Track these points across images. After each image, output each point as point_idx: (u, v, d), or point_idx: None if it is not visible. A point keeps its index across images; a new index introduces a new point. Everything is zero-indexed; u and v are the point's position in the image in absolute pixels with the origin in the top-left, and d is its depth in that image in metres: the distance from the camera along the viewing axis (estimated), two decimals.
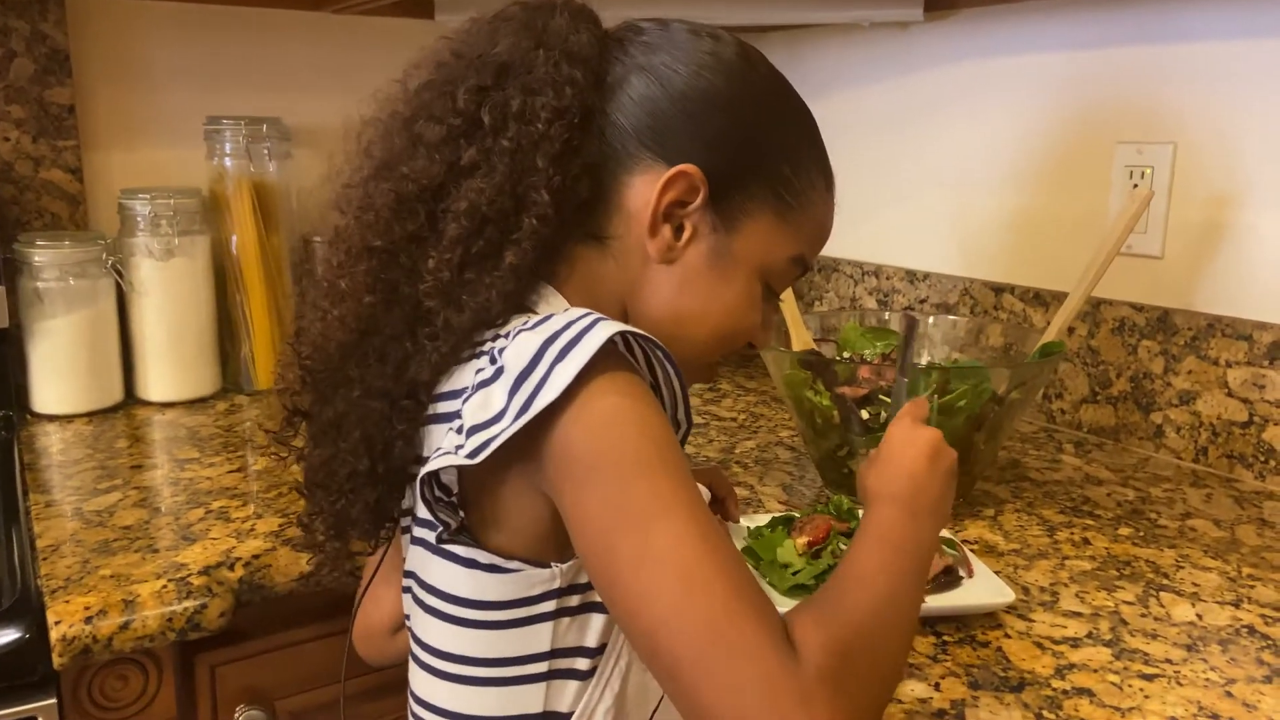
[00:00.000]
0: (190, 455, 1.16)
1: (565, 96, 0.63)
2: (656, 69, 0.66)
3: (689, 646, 0.50)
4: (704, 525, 0.53)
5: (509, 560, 0.61)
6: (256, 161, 1.41)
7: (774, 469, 1.16)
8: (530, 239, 0.62)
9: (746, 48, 0.70)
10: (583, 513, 0.55)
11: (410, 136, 0.64)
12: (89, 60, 1.41)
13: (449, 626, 0.64)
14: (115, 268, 1.34)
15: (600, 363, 0.55)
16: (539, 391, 0.55)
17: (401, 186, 0.63)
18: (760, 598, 0.52)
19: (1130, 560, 0.92)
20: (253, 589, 0.88)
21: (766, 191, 0.68)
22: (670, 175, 0.65)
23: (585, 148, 0.65)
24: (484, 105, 0.63)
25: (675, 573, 0.51)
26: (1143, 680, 0.72)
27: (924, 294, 1.53)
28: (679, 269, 0.67)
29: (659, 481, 0.54)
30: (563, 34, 0.65)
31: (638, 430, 0.55)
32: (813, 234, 0.72)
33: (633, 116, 0.66)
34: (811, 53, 1.71)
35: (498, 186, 0.62)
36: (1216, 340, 1.17)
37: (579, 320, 0.57)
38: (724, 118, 0.66)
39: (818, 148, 0.72)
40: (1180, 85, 1.19)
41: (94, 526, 0.96)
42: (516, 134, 0.63)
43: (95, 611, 0.80)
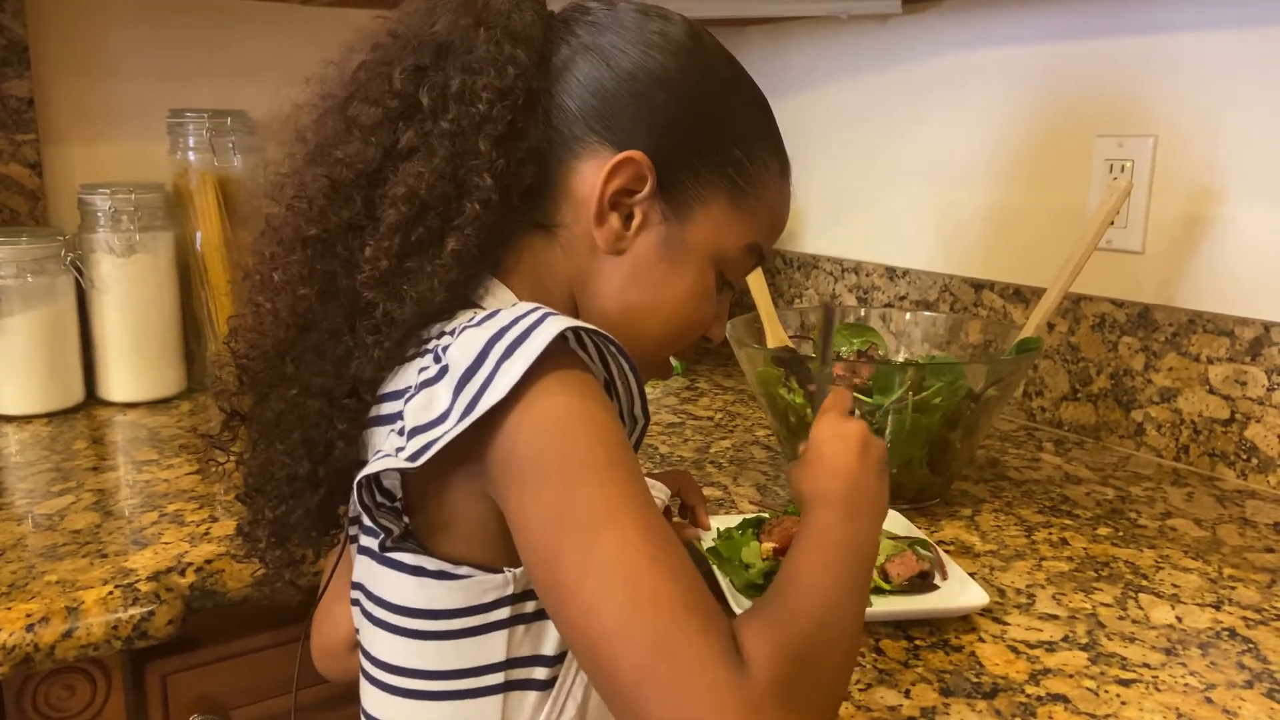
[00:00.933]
0: (149, 457, 1.13)
1: (507, 76, 0.60)
2: (603, 49, 0.64)
3: (633, 657, 0.47)
4: (653, 531, 0.51)
5: (458, 566, 0.58)
6: (221, 156, 1.38)
7: (749, 469, 1.14)
8: (473, 225, 0.59)
9: (697, 28, 0.68)
10: (527, 516, 0.52)
11: (345, 120, 0.61)
12: (48, 51, 1.38)
13: (398, 639, 0.61)
14: (75, 265, 1.30)
15: (549, 360, 0.53)
16: (484, 391, 0.52)
17: (336, 172, 0.60)
18: (709, 607, 0.50)
19: (1109, 561, 0.90)
20: (204, 595, 0.85)
21: (719, 176, 0.65)
22: (616, 162, 0.62)
23: (530, 131, 0.62)
24: (422, 86, 0.60)
25: (621, 580, 0.49)
26: (1120, 686, 0.70)
27: (904, 290, 1.51)
28: (629, 260, 0.64)
29: (608, 485, 0.51)
30: (504, 12, 0.63)
31: (587, 431, 0.53)
32: (768, 221, 0.69)
33: (579, 98, 0.63)
34: (790, 46, 1.69)
35: (437, 170, 0.59)
36: (1198, 336, 1.15)
37: (527, 315, 0.54)
38: (673, 99, 0.64)
39: (771, 131, 0.69)
40: (1161, 77, 1.18)
41: (43, 530, 0.92)
42: (456, 116, 0.60)
43: (37, 619, 0.77)
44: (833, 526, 0.59)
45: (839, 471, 0.62)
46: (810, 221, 1.68)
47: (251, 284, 0.63)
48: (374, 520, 0.58)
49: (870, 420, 0.97)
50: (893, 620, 0.77)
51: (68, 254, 1.30)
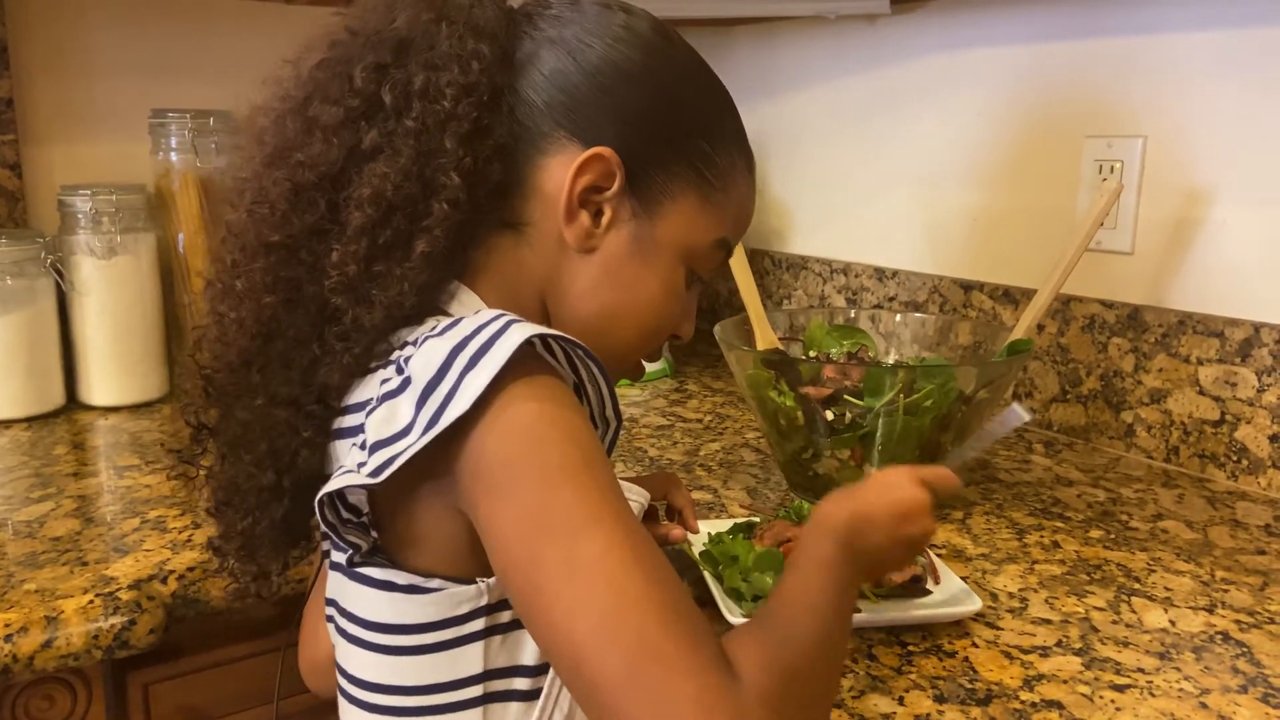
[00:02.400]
0: (131, 462, 1.12)
1: (471, 72, 0.59)
2: (568, 42, 0.63)
3: (618, 662, 0.46)
4: (634, 535, 0.50)
5: (429, 580, 0.57)
6: (204, 156, 1.36)
7: (739, 472, 1.13)
8: (442, 225, 0.58)
9: (661, 23, 0.67)
10: (501, 523, 0.51)
11: (305, 121, 0.59)
12: (28, 50, 1.36)
13: (372, 655, 0.59)
14: (55, 267, 1.29)
15: (515, 368, 0.51)
16: (448, 403, 0.51)
17: (297, 175, 0.58)
18: (694, 613, 0.49)
19: (1101, 564, 0.90)
20: (186, 603, 0.84)
21: (688, 171, 0.64)
22: (584, 159, 0.61)
23: (495, 128, 0.61)
24: (384, 84, 0.59)
25: (606, 584, 0.47)
26: (1114, 691, 0.69)
27: (893, 292, 1.50)
28: (599, 258, 0.63)
29: (586, 488, 0.50)
30: (465, 7, 0.62)
31: (561, 435, 0.51)
32: (736, 216, 0.68)
33: (545, 93, 0.62)
34: (778, 47, 1.68)
35: (403, 170, 0.57)
36: (1188, 337, 1.15)
37: (490, 324, 0.53)
38: (641, 92, 0.63)
39: (738, 127, 0.68)
40: (1150, 78, 1.17)
41: (22, 538, 0.91)
42: (421, 113, 0.58)
43: (16, 629, 0.76)
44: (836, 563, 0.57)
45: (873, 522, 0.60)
46: (799, 222, 1.67)
47: (214, 293, 0.62)
48: (339, 537, 0.57)
49: (860, 423, 0.96)
50: (885, 626, 0.77)
51: (48, 256, 1.28)
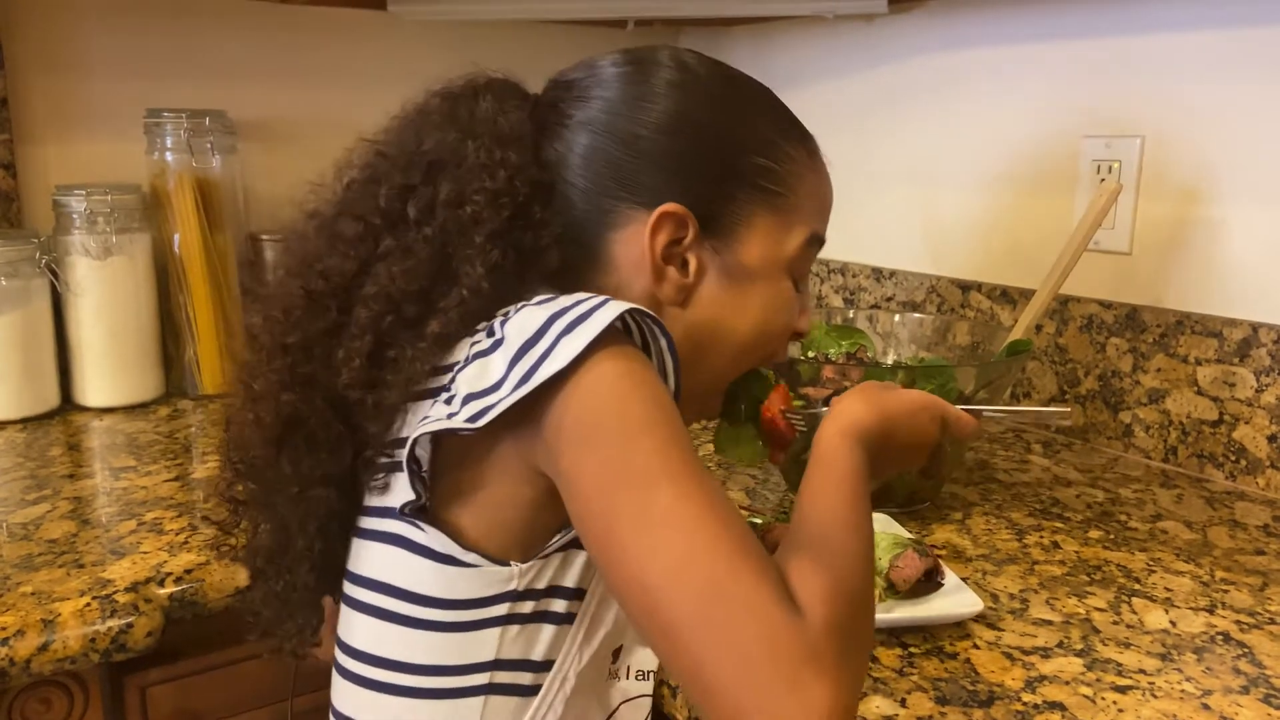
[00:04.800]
0: (127, 464, 1.11)
1: (499, 179, 0.62)
2: (595, 120, 0.65)
3: (691, 603, 0.47)
4: (705, 486, 0.51)
5: (467, 551, 0.58)
6: (199, 156, 1.36)
7: (738, 472, 1.13)
8: (458, 309, 0.60)
9: (679, 55, 0.68)
10: (581, 473, 0.53)
11: (330, 236, 0.63)
12: (22, 50, 1.35)
13: (384, 624, 0.60)
14: (50, 267, 1.28)
15: (607, 339, 0.54)
16: (542, 362, 0.53)
17: (312, 283, 0.62)
18: (763, 556, 0.50)
19: (1101, 564, 0.90)
20: (184, 606, 0.83)
21: (752, 191, 0.66)
22: (654, 220, 0.63)
23: (553, 219, 0.63)
24: (409, 201, 0.62)
25: (679, 530, 0.49)
26: (1116, 692, 0.69)
27: (890, 291, 1.50)
28: (697, 304, 0.66)
29: (663, 441, 0.52)
30: (490, 119, 0.64)
31: (644, 394, 0.53)
32: (815, 207, 0.70)
33: (589, 175, 0.64)
34: (775, 46, 1.68)
35: (411, 270, 0.60)
36: (1186, 337, 1.15)
37: (589, 298, 0.56)
38: (681, 141, 0.65)
39: (785, 121, 0.69)
40: (1148, 78, 1.17)
41: (18, 540, 0.90)
42: (444, 221, 0.61)
43: (13, 632, 0.75)
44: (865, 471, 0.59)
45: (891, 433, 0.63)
46: None
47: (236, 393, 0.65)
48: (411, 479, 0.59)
49: None
50: (886, 628, 0.76)
51: (42, 256, 1.28)
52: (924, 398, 0.69)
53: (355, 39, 1.56)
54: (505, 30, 1.67)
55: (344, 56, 1.55)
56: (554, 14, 1.53)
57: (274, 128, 1.51)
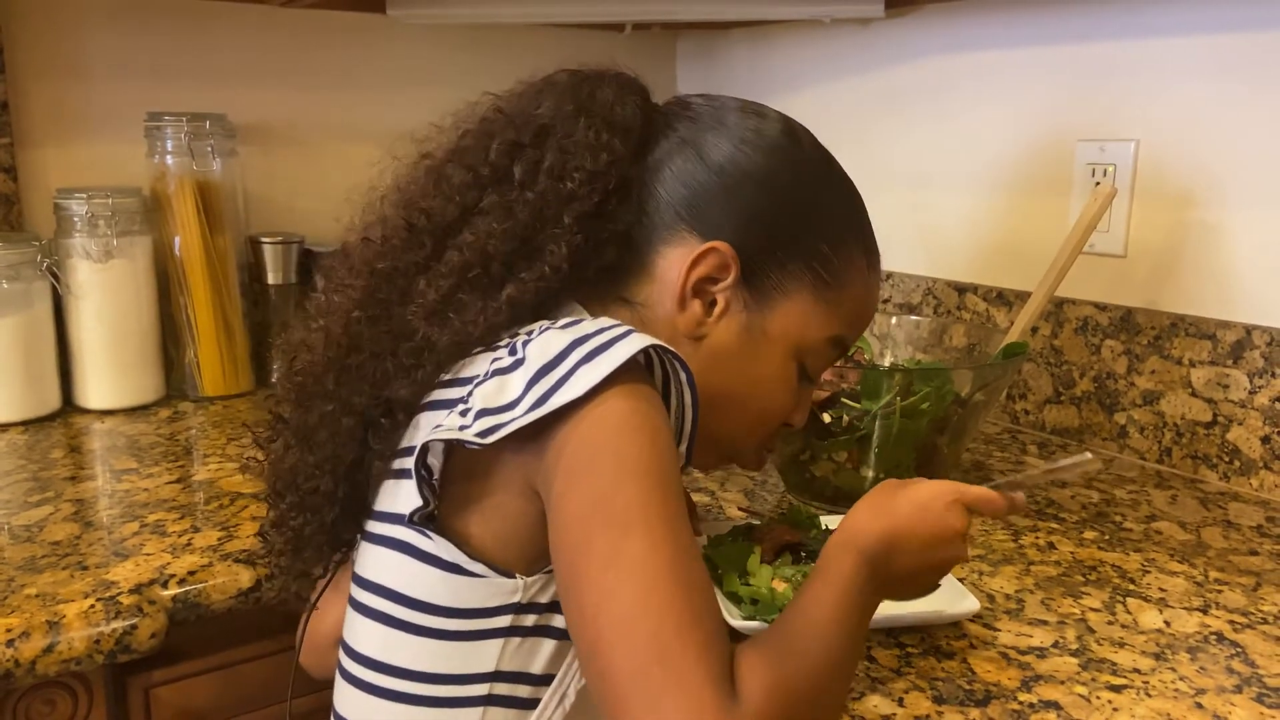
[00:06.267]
0: (129, 465, 1.12)
1: (600, 162, 0.64)
2: (698, 143, 0.67)
3: (630, 657, 0.48)
4: (681, 546, 0.52)
5: (473, 561, 0.59)
6: (200, 159, 1.36)
7: (736, 474, 1.14)
8: (536, 283, 0.62)
9: (792, 124, 0.71)
10: (568, 501, 0.54)
11: (438, 178, 0.65)
12: (23, 53, 1.36)
13: (387, 631, 0.61)
14: (51, 270, 1.29)
15: (625, 372, 0.55)
16: (559, 388, 0.54)
17: (414, 218, 0.64)
18: (717, 631, 0.50)
19: (1096, 565, 0.91)
20: (188, 607, 0.84)
21: (803, 269, 0.67)
22: (701, 251, 0.65)
23: (620, 215, 0.65)
24: (517, 160, 0.64)
25: (639, 581, 0.50)
26: (1111, 692, 0.70)
27: (887, 294, 1.51)
28: (708, 345, 0.67)
29: (651, 492, 0.52)
30: (608, 103, 0.66)
31: (646, 437, 0.54)
32: (852, 313, 0.71)
33: (671, 189, 0.66)
34: (772, 50, 1.69)
35: (509, 230, 0.62)
36: (1180, 339, 1.16)
37: (611, 328, 0.57)
38: (762, 194, 0.67)
39: (860, 225, 0.72)
40: (1142, 82, 1.18)
41: (21, 542, 0.91)
42: (544, 189, 0.63)
43: (18, 634, 0.76)
44: (860, 582, 0.58)
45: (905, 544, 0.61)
46: None
47: (315, 302, 0.67)
48: (420, 487, 0.59)
49: (858, 425, 0.97)
50: (884, 627, 0.77)
51: (44, 259, 1.28)
52: (936, 488, 0.64)
53: (355, 42, 1.56)
54: (503, 34, 1.68)
55: (344, 60, 1.56)
56: (552, 17, 1.53)
57: (274, 131, 1.51)
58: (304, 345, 0.66)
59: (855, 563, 0.59)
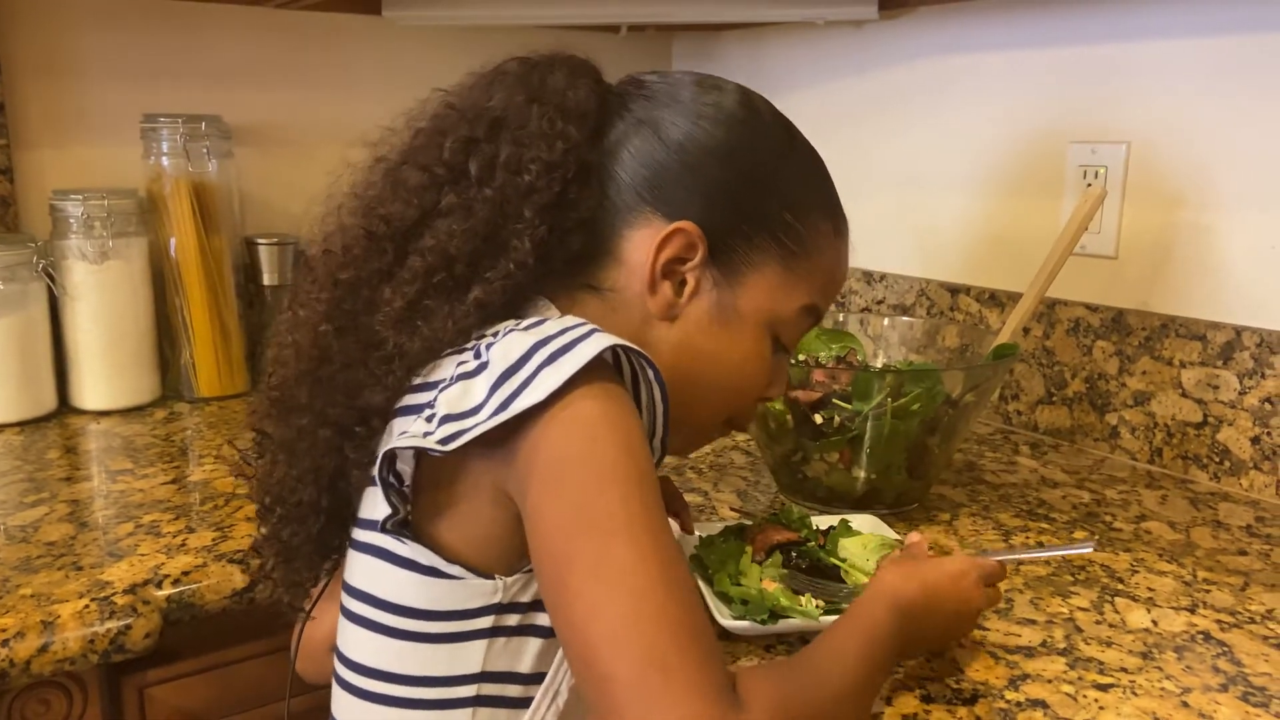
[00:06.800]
0: (124, 466, 1.12)
1: (556, 151, 0.63)
2: (656, 122, 0.66)
3: (626, 668, 0.48)
4: (666, 551, 0.51)
5: (451, 564, 0.59)
6: (195, 161, 1.36)
7: (729, 474, 1.14)
8: (502, 281, 0.61)
9: (750, 96, 0.70)
10: (546, 511, 0.53)
11: (394, 181, 0.64)
12: (18, 55, 1.36)
13: (376, 637, 0.61)
14: (47, 271, 1.29)
15: (590, 372, 0.54)
16: (522, 391, 0.54)
17: (373, 225, 0.63)
18: (709, 637, 0.50)
19: (1085, 565, 0.91)
20: (182, 607, 0.84)
21: (770, 241, 0.67)
22: (667, 232, 0.64)
23: (582, 202, 0.64)
24: (471, 156, 0.63)
25: (629, 591, 0.49)
26: (1097, 691, 0.70)
27: (881, 295, 1.52)
28: (681, 325, 0.67)
29: (630, 497, 0.52)
30: (560, 90, 0.65)
31: (619, 441, 0.54)
32: (823, 281, 0.71)
33: (632, 171, 0.65)
34: (766, 52, 1.69)
35: (470, 230, 0.61)
36: (1170, 340, 1.16)
37: (575, 328, 0.56)
38: (723, 169, 0.66)
39: (825, 193, 0.71)
40: (1133, 84, 1.19)
41: (17, 542, 0.91)
42: (502, 184, 0.62)
43: (12, 633, 0.76)
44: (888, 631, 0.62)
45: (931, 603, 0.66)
46: None
47: (284, 318, 0.67)
48: (386, 495, 0.59)
49: (849, 426, 0.97)
50: None
51: (39, 261, 1.28)
52: (962, 563, 0.71)
53: (350, 44, 1.57)
54: (499, 35, 1.68)
55: (339, 61, 1.56)
56: (547, 19, 1.54)
57: (270, 132, 1.52)
58: (277, 361, 0.66)
59: (889, 614, 0.63)
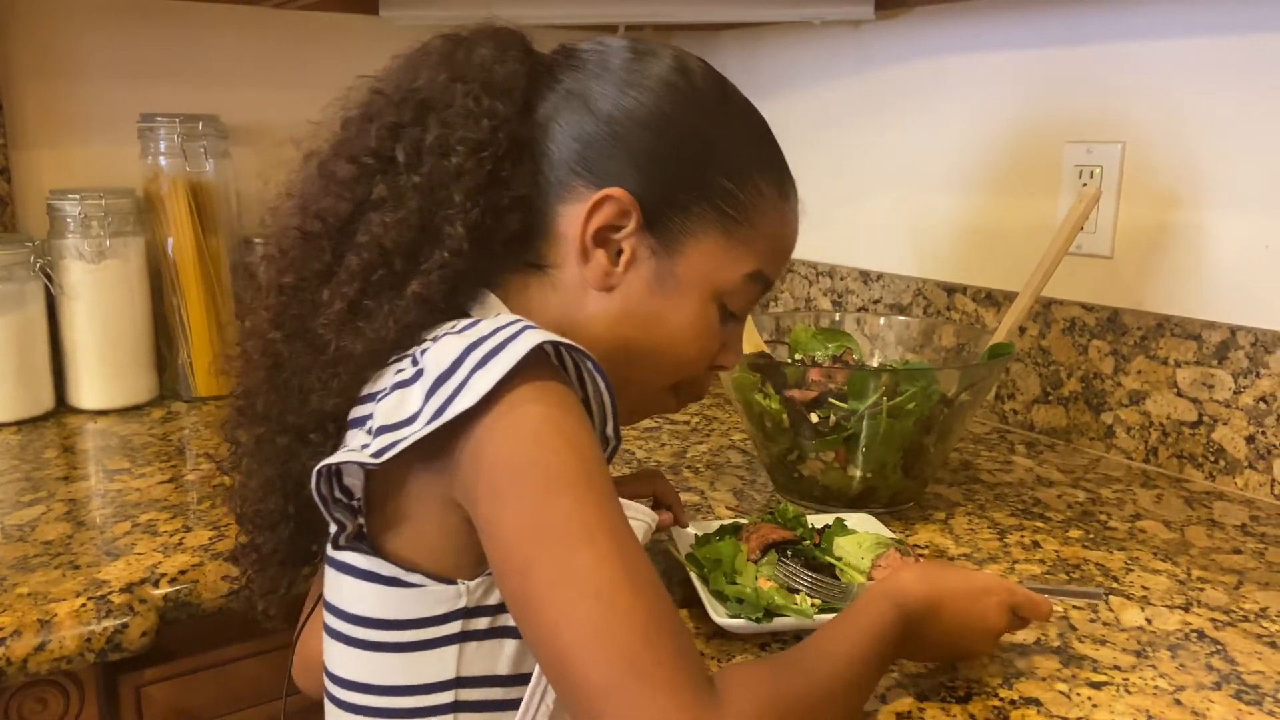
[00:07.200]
0: (121, 466, 1.12)
1: (483, 129, 0.61)
2: (585, 93, 0.65)
3: (600, 673, 0.48)
4: (627, 550, 0.51)
5: (410, 573, 0.59)
6: (193, 160, 1.37)
7: (725, 473, 1.14)
8: (439, 271, 0.60)
9: (683, 59, 0.68)
10: (500, 525, 0.52)
11: (325, 175, 0.63)
12: (15, 54, 1.36)
13: (352, 651, 0.61)
14: (44, 271, 1.29)
15: (525, 371, 0.53)
16: (455, 396, 0.53)
17: (307, 224, 0.62)
18: (680, 631, 0.50)
19: (1080, 563, 0.91)
20: (179, 606, 0.84)
21: (709, 209, 0.65)
22: (595, 200, 0.63)
23: (516, 180, 0.63)
24: (398, 142, 0.61)
25: (595, 596, 0.49)
26: (1091, 689, 0.71)
27: (878, 294, 1.52)
28: (619, 295, 0.65)
29: (584, 500, 0.51)
30: (486, 65, 0.63)
31: (565, 443, 0.53)
32: (769, 248, 0.69)
33: (563, 145, 0.64)
34: (764, 52, 1.70)
35: (403, 220, 0.60)
36: (1166, 340, 1.16)
37: (506, 327, 0.55)
38: (655, 137, 0.64)
39: (767, 157, 0.69)
40: (1129, 84, 1.19)
41: (14, 541, 0.91)
42: (430, 169, 0.61)
43: (9, 632, 0.77)
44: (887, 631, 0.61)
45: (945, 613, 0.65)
46: None
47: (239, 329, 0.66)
48: (328, 513, 0.59)
49: (845, 425, 0.97)
50: None
51: (37, 260, 1.29)
52: (991, 581, 0.68)
53: (347, 44, 1.57)
54: None
55: (336, 61, 1.56)
56: (544, 19, 1.54)
57: (267, 132, 1.51)
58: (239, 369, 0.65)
59: (890, 613, 0.61)
